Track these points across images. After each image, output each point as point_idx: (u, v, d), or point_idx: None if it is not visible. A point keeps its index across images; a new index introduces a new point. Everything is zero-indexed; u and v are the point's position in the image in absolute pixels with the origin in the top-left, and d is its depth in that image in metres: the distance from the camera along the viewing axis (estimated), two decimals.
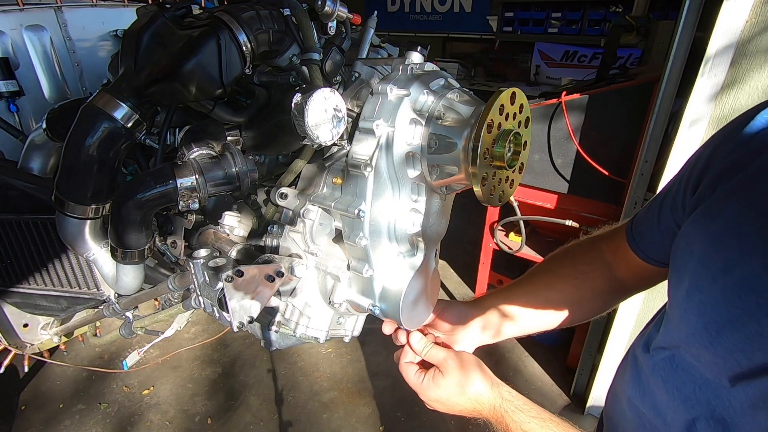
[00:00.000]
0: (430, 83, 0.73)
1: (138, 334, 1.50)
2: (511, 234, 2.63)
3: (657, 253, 0.73)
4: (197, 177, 0.94)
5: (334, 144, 0.78)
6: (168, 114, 1.12)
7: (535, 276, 0.88)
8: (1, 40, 1.67)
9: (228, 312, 0.77)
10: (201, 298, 0.87)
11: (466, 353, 0.76)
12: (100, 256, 1.16)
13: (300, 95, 0.74)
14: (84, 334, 1.81)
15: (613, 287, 0.84)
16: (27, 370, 2.16)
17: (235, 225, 1.02)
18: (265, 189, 1.05)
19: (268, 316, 0.93)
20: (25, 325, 1.67)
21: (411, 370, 0.76)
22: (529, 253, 2.48)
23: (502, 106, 0.64)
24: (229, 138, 1.06)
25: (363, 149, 0.73)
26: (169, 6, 1.02)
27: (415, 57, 0.82)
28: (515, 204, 2.36)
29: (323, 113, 0.74)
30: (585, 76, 2.78)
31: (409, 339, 0.78)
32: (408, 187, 0.74)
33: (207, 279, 0.81)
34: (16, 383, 2.44)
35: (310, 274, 0.87)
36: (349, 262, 0.81)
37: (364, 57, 1.04)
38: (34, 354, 1.74)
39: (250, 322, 0.80)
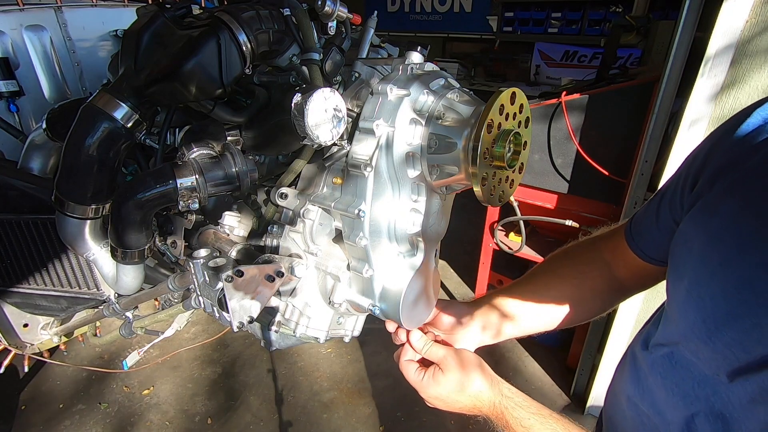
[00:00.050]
0: (430, 83, 0.73)
1: (138, 334, 1.50)
2: (511, 234, 2.63)
3: (656, 251, 0.73)
4: (197, 177, 0.94)
5: (334, 144, 0.78)
6: (168, 114, 1.12)
7: (535, 276, 0.88)
8: (1, 40, 1.67)
9: (228, 312, 0.77)
10: (201, 298, 0.87)
11: (466, 351, 0.76)
12: (100, 256, 1.16)
13: (300, 95, 0.74)
14: (84, 334, 1.81)
15: (612, 287, 0.84)
16: (27, 370, 2.17)
17: (235, 225, 1.02)
18: (265, 189, 1.05)
19: (268, 316, 0.93)
20: (25, 325, 1.67)
21: (411, 367, 0.76)
22: (529, 253, 2.48)
23: (502, 106, 0.64)
24: (229, 138, 1.06)
25: (363, 149, 0.73)
26: (169, 6, 1.02)
27: (415, 57, 0.82)
28: (515, 204, 2.36)
29: (323, 113, 0.74)
30: (585, 76, 2.77)
31: (409, 337, 0.79)
32: (408, 187, 0.74)
33: (207, 279, 0.81)
34: (16, 383, 2.44)
35: (310, 274, 0.87)
36: (349, 262, 0.81)
37: (364, 57, 1.04)
38: (34, 354, 1.74)
39: (250, 322, 0.80)
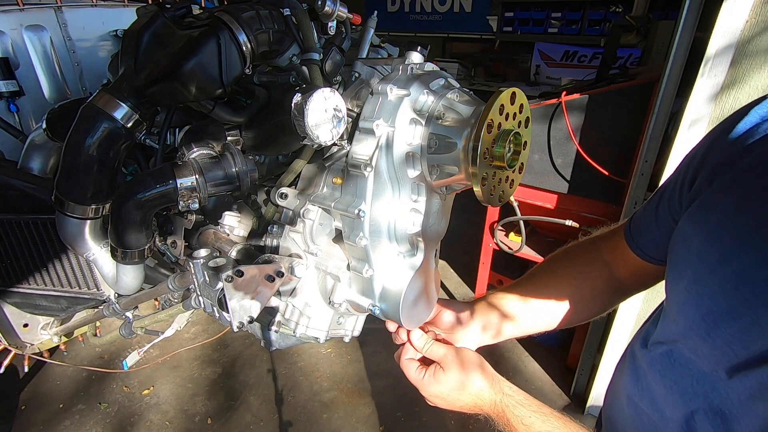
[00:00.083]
0: (430, 83, 0.73)
1: (138, 334, 1.50)
2: (511, 234, 2.63)
3: (655, 250, 0.73)
4: (197, 177, 0.94)
5: (334, 144, 0.78)
6: (168, 114, 1.12)
7: (535, 276, 0.88)
8: (1, 40, 1.67)
9: (228, 312, 0.77)
10: (201, 298, 0.87)
11: (467, 350, 0.76)
12: (100, 256, 1.16)
13: (300, 95, 0.74)
14: (84, 334, 1.81)
15: (612, 287, 0.84)
16: (27, 370, 2.17)
17: (235, 225, 1.02)
18: (265, 189, 1.05)
19: (268, 316, 0.93)
20: (25, 325, 1.67)
21: (412, 366, 0.76)
22: (529, 253, 2.48)
23: (502, 106, 0.64)
24: (229, 138, 1.06)
25: (363, 149, 0.73)
26: (169, 6, 1.02)
27: (415, 57, 0.82)
28: (515, 204, 2.36)
29: (323, 113, 0.74)
30: (585, 76, 2.77)
31: (409, 336, 0.79)
32: (408, 187, 0.74)
33: (207, 279, 0.80)
34: (16, 383, 2.44)
35: (310, 274, 0.87)
36: (349, 262, 0.81)
37: (364, 57, 1.04)
38: (34, 354, 1.74)
39: (250, 322, 0.80)
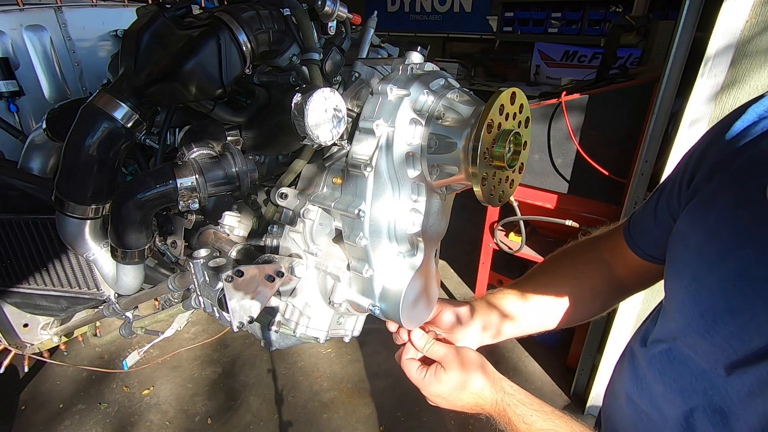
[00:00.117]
0: (430, 83, 0.73)
1: (138, 334, 1.50)
2: (511, 234, 2.63)
3: (654, 249, 0.73)
4: (197, 177, 0.94)
5: (334, 144, 0.78)
6: (168, 114, 1.12)
7: (535, 276, 0.88)
8: (1, 40, 1.67)
9: (228, 312, 0.77)
10: (201, 298, 0.87)
11: (467, 349, 0.76)
12: (100, 256, 1.16)
13: (300, 95, 0.74)
14: (84, 334, 1.81)
15: (612, 287, 0.84)
16: (27, 370, 2.17)
17: (235, 225, 1.02)
18: (265, 189, 1.05)
19: (268, 316, 0.93)
20: (25, 325, 1.67)
21: (413, 366, 0.76)
22: (529, 253, 2.48)
23: (502, 106, 0.64)
24: (229, 138, 1.06)
25: (363, 149, 0.73)
26: (169, 6, 1.02)
27: (415, 57, 0.82)
28: (515, 204, 2.36)
29: (323, 113, 0.74)
30: (585, 76, 2.77)
31: (410, 336, 0.79)
32: (408, 187, 0.74)
33: (207, 279, 0.80)
34: (16, 383, 2.44)
35: (310, 274, 0.87)
36: (349, 262, 0.81)
37: (364, 57, 1.04)
38: (34, 354, 1.74)
39: (250, 322, 0.80)
